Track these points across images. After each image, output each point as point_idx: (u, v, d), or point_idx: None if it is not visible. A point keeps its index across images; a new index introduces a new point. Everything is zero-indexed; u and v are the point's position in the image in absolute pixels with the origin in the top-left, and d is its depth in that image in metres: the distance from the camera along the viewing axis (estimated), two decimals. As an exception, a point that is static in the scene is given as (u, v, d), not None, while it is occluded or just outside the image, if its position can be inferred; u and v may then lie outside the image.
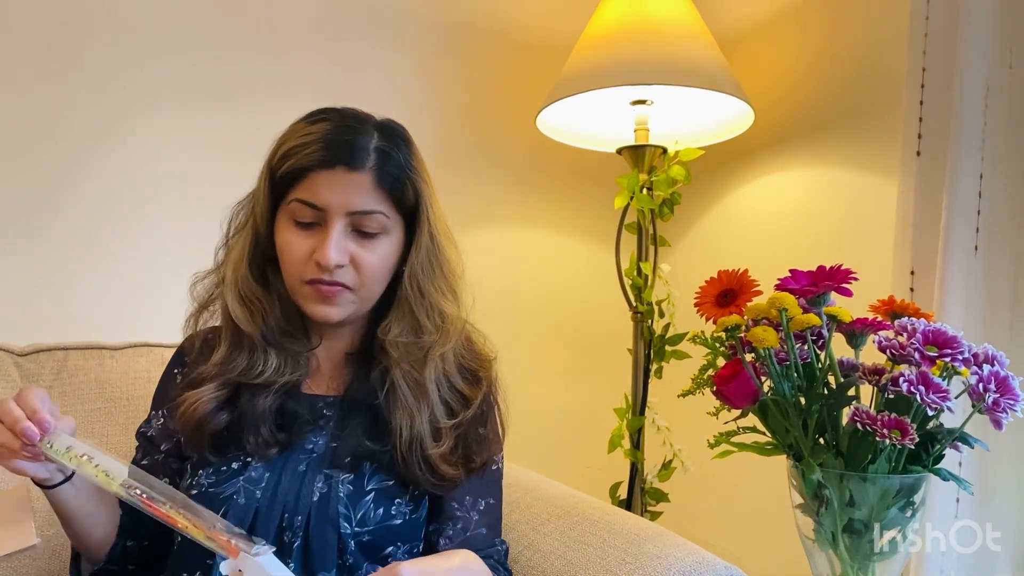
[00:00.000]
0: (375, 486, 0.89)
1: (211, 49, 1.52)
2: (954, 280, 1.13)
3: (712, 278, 0.81)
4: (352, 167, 0.86)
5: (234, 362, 0.91)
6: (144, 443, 0.96)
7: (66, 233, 1.41)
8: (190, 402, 0.89)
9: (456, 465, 0.93)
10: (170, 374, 0.98)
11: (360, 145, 0.87)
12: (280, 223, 0.90)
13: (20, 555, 0.74)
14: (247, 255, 0.93)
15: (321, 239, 0.87)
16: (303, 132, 0.88)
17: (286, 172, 0.87)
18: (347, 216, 0.87)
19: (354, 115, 0.91)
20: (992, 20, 1.13)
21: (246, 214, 0.95)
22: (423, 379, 0.91)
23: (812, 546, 0.77)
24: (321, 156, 0.86)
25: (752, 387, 0.77)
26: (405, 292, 0.92)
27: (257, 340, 0.91)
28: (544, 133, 1.62)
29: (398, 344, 0.92)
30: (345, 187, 0.86)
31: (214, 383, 0.90)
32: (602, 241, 1.82)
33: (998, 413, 0.69)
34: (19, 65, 1.38)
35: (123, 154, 1.45)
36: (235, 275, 0.92)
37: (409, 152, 0.91)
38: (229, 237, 0.96)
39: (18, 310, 1.37)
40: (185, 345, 0.99)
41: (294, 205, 0.88)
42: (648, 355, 1.56)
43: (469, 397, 0.95)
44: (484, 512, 0.97)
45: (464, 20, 1.75)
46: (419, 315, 0.92)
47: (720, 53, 1.49)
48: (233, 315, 0.91)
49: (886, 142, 1.38)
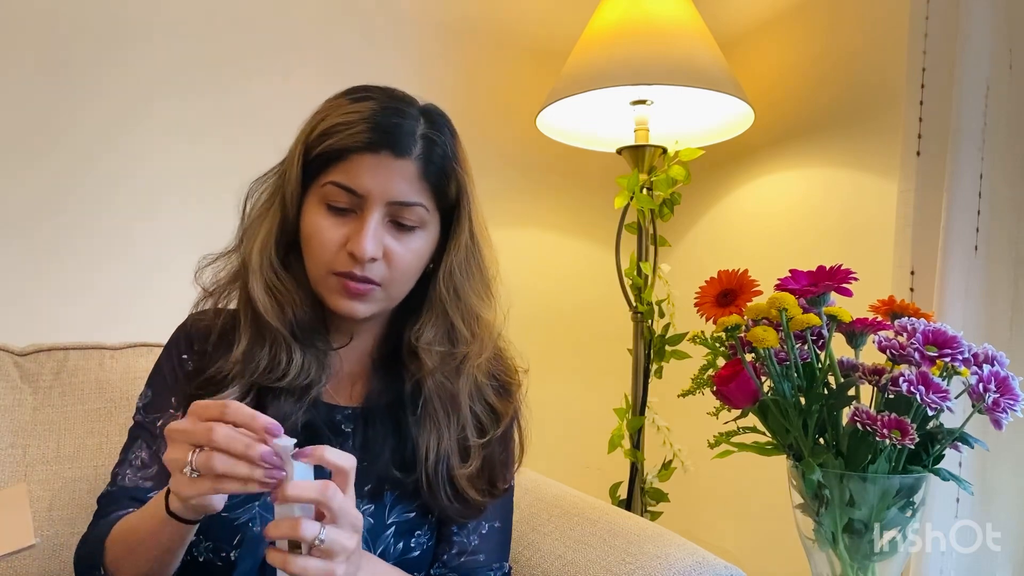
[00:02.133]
0: (396, 519, 0.84)
1: (209, 46, 1.51)
2: (954, 280, 1.13)
3: (712, 278, 0.81)
4: (398, 153, 0.79)
5: (256, 359, 0.82)
6: (146, 434, 0.86)
7: (66, 233, 1.41)
8: None
9: (482, 491, 0.86)
10: (177, 359, 0.88)
11: (407, 130, 0.80)
12: (309, 205, 0.82)
13: (19, 555, 0.73)
14: (274, 238, 0.84)
15: (356, 228, 0.79)
16: (346, 110, 0.81)
17: (324, 151, 0.80)
18: (387, 206, 0.80)
19: (400, 97, 0.84)
20: (992, 20, 1.13)
21: (271, 192, 0.86)
22: (457, 391, 0.84)
23: (812, 546, 0.77)
24: (367, 138, 0.78)
25: (752, 387, 0.76)
26: (439, 293, 0.85)
27: (282, 335, 0.82)
28: (544, 133, 1.62)
29: (432, 352, 0.84)
30: (389, 174, 0.79)
31: (238, 386, 0.81)
32: (602, 241, 1.82)
33: (998, 413, 0.69)
34: (17, 63, 1.38)
35: (123, 153, 1.45)
36: (261, 259, 0.83)
37: (454, 142, 0.85)
38: (249, 217, 0.86)
39: (18, 310, 1.37)
40: (193, 328, 0.89)
41: (329, 188, 0.80)
42: (648, 355, 1.56)
43: (500, 413, 0.89)
44: (486, 537, 0.90)
45: (464, 20, 1.75)
46: (454, 319, 0.85)
47: (720, 53, 1.49)
48: (260, 305, 0.82)
49: (886, 142, 1.38)
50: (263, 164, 0.89)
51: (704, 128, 1.61)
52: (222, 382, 0.82)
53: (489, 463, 0.88)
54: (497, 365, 0.92)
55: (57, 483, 1.09)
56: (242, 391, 0.81)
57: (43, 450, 1.10)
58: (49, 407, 1.13)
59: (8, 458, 1.08)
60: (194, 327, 0.89)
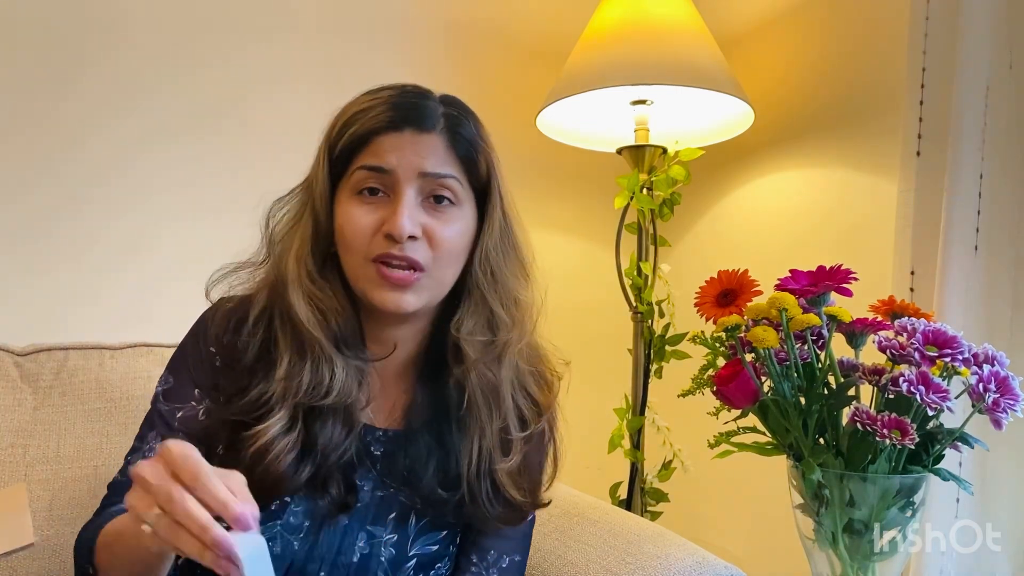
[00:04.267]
0: (418, 550, 0.82)
1: (214, 53, 1.51)
2: (954, 280, 1.13)
3: (712, 278, 0.81)
4: (422, 128, 0.78)
5: (298, 377, 0.78)
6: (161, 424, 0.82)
7: (67, 234, 1.41)
8: (262, 443, 0.75)
9: (523, 490, 0.84)
10: (205, 349, 0.83)
11: (429, 108, 0.79)
12: (341, 200, 0.79)
13: (17, 554, 0.73)
14: (309, 245, 0.80)
15: (391, 208, 0.76)
16: (364, 101, 0.80)
17: (348, 141, 0.78)
18: (419, 179, 0.77)
19: (417, 86, 0.83)
20: (992, 20, 1.13)
21: (298, 205, 0.83)
22: (498, 381, 0.82)
23: (812, 546, 0.77)
24: (388, 117, 0.77)
25: (752, 387, 0.76)
26: (476, 278, 0.82)
27: (324, 347, 0.78)
28: (544, 133, 1.62)
29: (474, 343, 0.81)
30: (416, 148, 0.77)
31: (284, 411, 0.77)
32: (602, 241, 1.82)
33: (998, 413, 0.68)
34: (30, 74, 1.38)
35: (124, 155, 1.45)
36: (298, 269, 0.79)
37: (479, 124, 0.83)
38: (276, 232, 0.84)
39: (18, 310, 1.37)
40: (221, 317, 0.84)
41: (358, 174, 0.78)
42: (648, 355, 1.56)
43: (541, 403, 0.87)
44: (505, 571, 0.88)
45: (464, 20, 1.75)
46: (493, 304, 0.82)
47: (720, 53, 1.49)
48: (301, 316, 0.78)
49: (886, 142, 1.38)
50: (268, 168, 0.88)
51: (704, 128, 1.61)
52: (265, 406, 0.77)
53: (530, 464, 0.86)
54: (536, 356, 0.90)
55: (57, 483, 1.09)
56: (288, 416, 0.77)
57: (43, 450, 1.10)
58: (49, 407, 1.13)
59: (8, 458, 1.08)
60: (223, 323, 0.84)
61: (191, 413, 0.82)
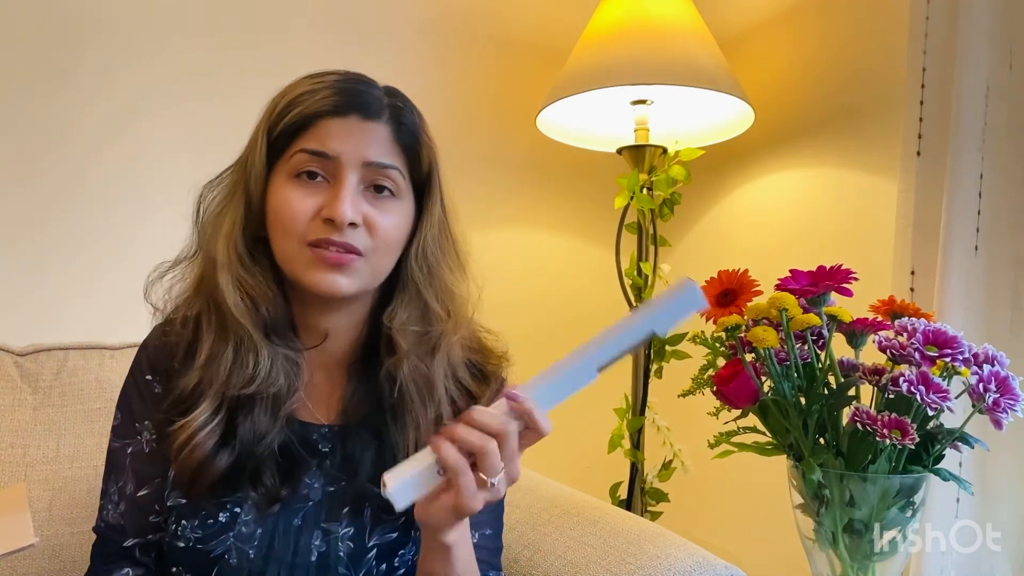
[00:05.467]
0: (377, 540, 0.81)
1: (208, 51, 1.51)
2: (954, 280, 1.13)
3: (712, 278, 0.81)
4: (367, 116, 0.77)
5: (218, 362, 0.77)
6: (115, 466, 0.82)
7: (66, 233, 1.41)
8: (185, 436, 0.75)
9: None
10: (143, 381, 0.83)
11: (374, 96, 0.78)
12: (276, 183, 0.77)
13: (18, 554, 0.73)
14: (240, 226, 0.79)
15: (332, 194, 0.75)
16: (309, 83, 0.79)
17: (291, 122, 0.77)
18: (362, 168, 0.76)
19: (360, 74, 0.82)
20: (992, 20, 1.13)
21: (229, 186, 0.82)
22: (432, 374, 0.81)
23: (812, 546, 0.77)
24: (334, 102, 0.76)
25: (752, 387, 0.76)
26: (411, 272, 0.82)
27: (250, 334, 0.77)
28: (544, 133, 1.62)
29: (407, 333, 0.81)
30: (360, 135, 0.76)
31: (207, 401, 0.76)
32: (602, 241, 1.82)
33: (998, 413, 0.69)
34: (17, 68, 1.38)
35: (124, 156, 1.45)
36: (228, 251, 0.78)
37: (420, 117, 0.83)
38: (206, 216, 0.82)
39: (18, 310, 1.37)
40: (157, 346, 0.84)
41: (298, 157, 0.76)
42: (648, 355, 1.56)
43: (476, 395, 0.85)
44: (476, 546, 0.84)
45: (464, 20, 1.75)
46: (427, 297, 0.81)
47: (720, 53, 1.49)
48: (228, 301, 0.77)
49: (886, 142, 1.38)
50: None
51: (704, 128, 1.61)
52: (190, 398, 0.77)
53: None
54: (474, 348, 0.88)
55: (57, 483, 1.09)
56: (212, 406, 0.76)
57: (43, 450, 1.10)
58: (49, 407, 1.13)
59: (8, 458, 1.08)
60: (158, 345, 0.84)
61: (137, 448, 0.82)
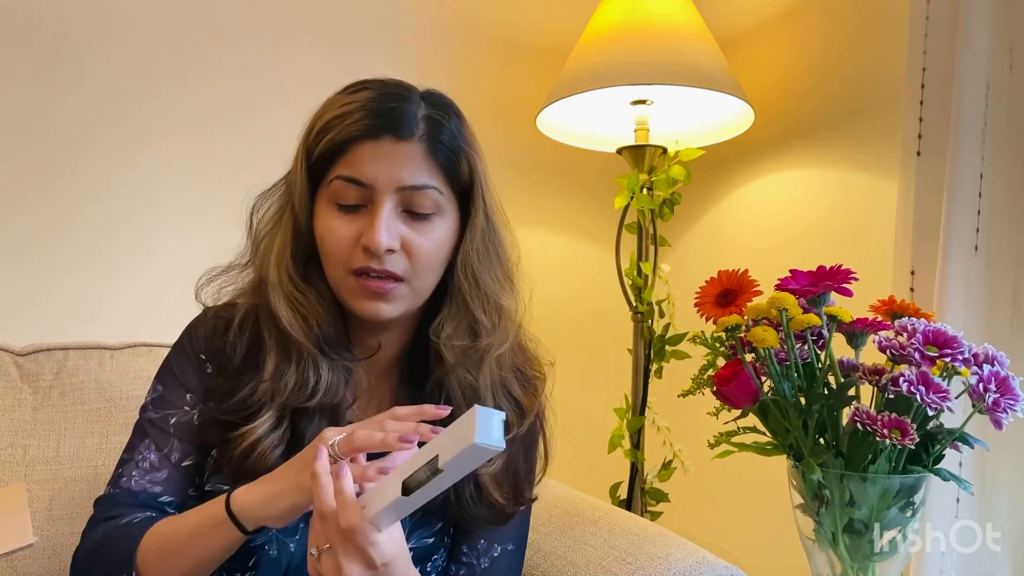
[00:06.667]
0: (415, 544, 0.82)
1: (216, 61, 1.51)
2: (954, 280, 1.13)
3: (712, 278, 0.81)
4: (400, 136, 0.76)
5: (284, 378, 0.79)
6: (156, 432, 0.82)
7: (66, 235, 1.41)
8: (248, 443, 0.77)
9: (506, 492, 0.83)
10: (194, 356, 0.85)
11: (408, 113, 0.77)
12: (320, 208, 0.79)
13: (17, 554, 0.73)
14: (289, 250, 0.81)
15: (369, 221, 0.76)
16: (342, 103, 0.79)
17: (325, 148, 0.77)
18: (397, 193, 0.77)
19: (398, 83, 0.82)
20: (992, 20, 1.13)
21: (280, 203, 0.83)
22: (478, 384, 0.81)
23: (812, 546, 0.77)
24: (365, 125, 0.76)
25: (752, 387, 0.76)
26: (459, 283, 0.81)
27: (309, 350, 0.79)
28: (544, 133, 1.62)
29: (454, 348, 0.81)
30: (393, 159, 0.76)
31: (271, 411, 0.78)
32: (602, 241, 1.82)
33: (998, 413, 0.69)
34: (28, 76, 1.38)
35: (124, 156, 1.45)
36: (279, 274, 0.80)
37: (461, 122, 0.82)
38: (260, 231, 0.84)
39: (18, 310, 1.37)
40: (209, 324, 0.85)
41: (336, 184, 0.77)
42: (648, 355, 1.56)
43: (526, 407, 0.86)
44: (497, 560, 0.87)
45: (464, 20, 1.75)
46: (475, 310, 0.81)
47: (720, 53, 1.49)
48: (284, 321, 0.79)
49: (886, 142, 1.38)
50: (268, 169, 0.87)
51: (704, 128, 1.61)
52: (254, 406, 0.79)
53: (513, 468, 0.85)
54: (521, 358, 0.89)
55: (57, 483, 1.09)
56: (276, 416, 0.78)
57: (43, 450, 1.10)
58: (49, 407, 1.13)
59: (8, 458, 1.08)
60: (212, 331, 0.86)
61: (185, 418, 0.83)
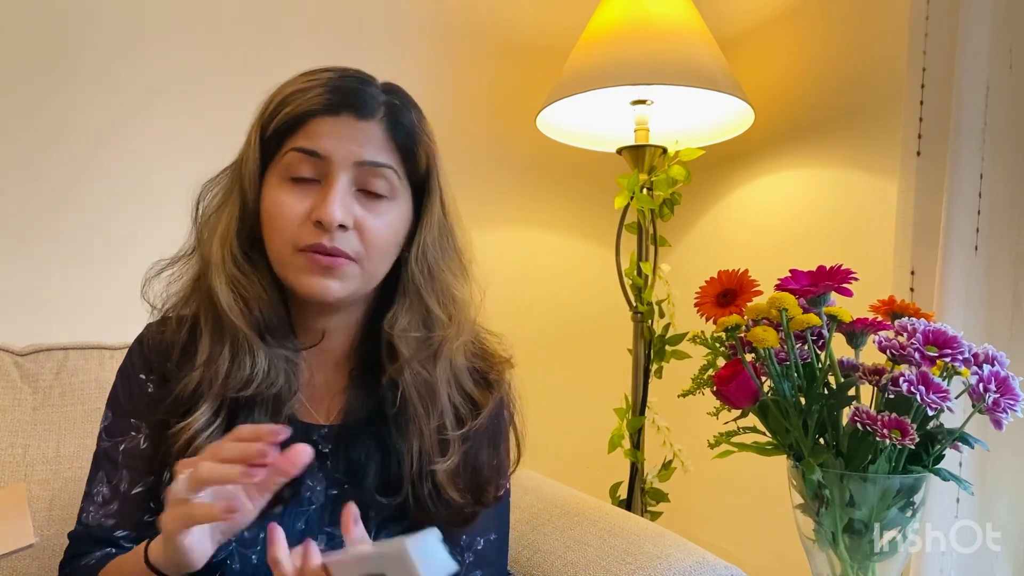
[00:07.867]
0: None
1: (208, 51, 1.51)
2: (954, 280, 1.13)
3: (712, 278, 0.81)
4: (361, 115, 0.75)
5: (216, 364, 0.75)
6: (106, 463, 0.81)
7: (66, 233, 1.41)
8: (185, 438, 0.74)
9: (464, 492, 0.81)
10: (135, 380, 0.82)
11: (370, 94, 0.76)
12: (270, 183, 0.76)
13: (18, 554, 0.73)
14: (234, 228, 0.78)
15: (322, 196, 0.74)
16: (303, 80, 0.77)
17: (282, 121, 0.75)
18: (354, 168, 0.75)
19: (359, 71, 0.80)
20: (992, 20, 1.13)
21: (228, 184, 0.81)
22: (433, 379, 0.79)
23: (812, 546, 0.77)
24: (326, 100, 0.74)
25: (752, 387, 0.76)
26: (412, 274, 0.79)
27: (245, 335, 0.76)
28: (544, 133, 1.62)
29: (408, 339, 0.79)
30: (353, 135, 0.74)
31: (207, 404, 0.75)
32: (602, 241, 1.82)
33: (998, 413, 0.69)
34: (16, 68, 1.38)
35: (125, 155, 1.45)
36: (222, 252, 0.77)
37: (420, 115, 0.81)
38: (203, 215, 0.81)
39: (18, 310, 1.37)
40: (151, 344, 0.83)
41: (290, 156, 0.75)
42: (648, 355, 1.56)
43: (479, 402, 0.83)
44: (481, 552, 0.84)
45: (464, 20, 1.75)
46: (429, 301, 0.79)
47: (720, 53, 1.49)
48: (222, 302, 0.76)
49: (886, 142, 1.38)
50: None
51: (704, 128, 1.61)
52: (189, 401, 0.76)
53: (473, 465, 0.82)
54: (477, 353, 0.86)
55: (57, 483, 1.09)
56: (212, 409, 0.75)
57: (43, 450, 1.10)
58: (49, 407, 1.13)
59: (8, 458, 1.08)
60: (153, 343, 0.83)
61: (132, 444, 0.81)
